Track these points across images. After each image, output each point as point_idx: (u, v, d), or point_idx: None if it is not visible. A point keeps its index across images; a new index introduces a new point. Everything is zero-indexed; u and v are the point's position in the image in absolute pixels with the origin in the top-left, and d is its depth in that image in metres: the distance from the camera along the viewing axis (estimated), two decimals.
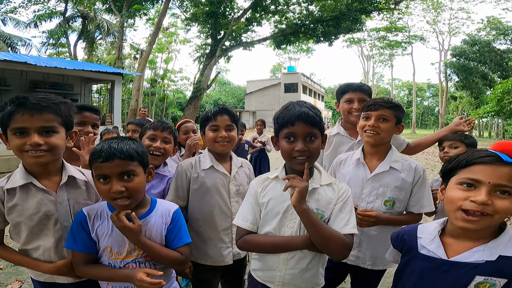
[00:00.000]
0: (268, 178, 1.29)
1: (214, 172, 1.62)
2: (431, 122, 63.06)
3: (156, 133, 1.76)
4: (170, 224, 1.22)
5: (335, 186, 1.24)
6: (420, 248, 1.04)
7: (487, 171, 0.88)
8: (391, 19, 21.34)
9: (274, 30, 16.13)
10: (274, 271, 1.23)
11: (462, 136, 1.94)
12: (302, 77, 35.74)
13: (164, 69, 32.50)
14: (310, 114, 1.15)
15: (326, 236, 1.11)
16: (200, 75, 16.26)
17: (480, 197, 0.86)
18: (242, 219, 1.26)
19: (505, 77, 25.70)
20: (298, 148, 1.14)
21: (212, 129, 1.61)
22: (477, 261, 0.92)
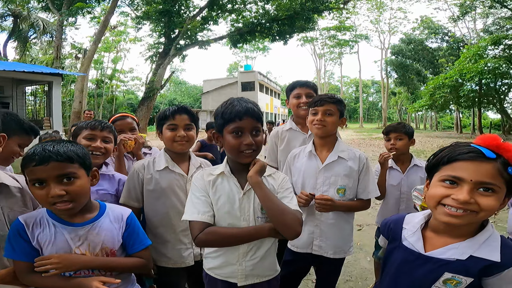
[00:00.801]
0: (212, 175, 1.27)
1: (170, 173, 1.57)
2: (376, 116, 68.78)
3: (94, 133, 1.65)
4: (126, 230, 1.20)
5: (275, 176, 1.31)
6: (403, 239, 1.04)
7: (470, 168, 0.85)
8: (340, 18, 22.70)
9: (230, 29, 15.99)
10: (234, 266, 1.24)
11: (405, 128, 2.15)
12: (258, 76, 36.13)
13: (112, 69, 30.34)
14: (256, 110, 1.21)
15: (282, 209, 1.16)
16: (153, 75, 15.51)
17: (461, 196, 0.84)
18: (198, 212, 1.19)
19: (436, 73, 29.10)
20: (246, 142, 1.17)
21: (170, 128, 1.56)
22: (449, 258, 0.92)
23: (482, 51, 19.99)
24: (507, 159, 0.85)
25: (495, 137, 0.88)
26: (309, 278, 1.85)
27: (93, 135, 1.64)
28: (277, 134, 2.21)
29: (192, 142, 1.62)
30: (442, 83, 22.03)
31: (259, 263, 1.24)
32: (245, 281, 1.24)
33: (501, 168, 0.84)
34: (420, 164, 2.19)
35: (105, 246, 1.14)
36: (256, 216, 1.22)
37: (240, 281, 1.24)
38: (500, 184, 0.84)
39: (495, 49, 20.27)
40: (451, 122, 47.51)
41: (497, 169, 0.84)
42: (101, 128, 1.67)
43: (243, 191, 1.23)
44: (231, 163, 1.28)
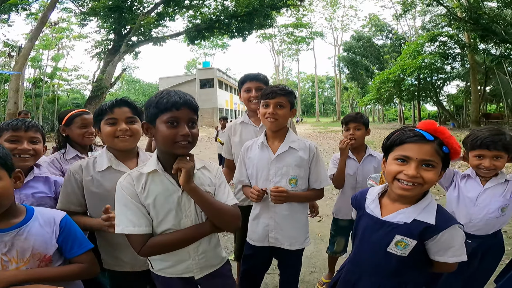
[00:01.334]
0: (143, 174, 1.18)
1: (114, 173, 1.40)
2: (331, 110, 72.44)
3: (19, 134, 1.48)
4: (61, 233, 1.14)
5: (209, 167, 1.31)
6: (366, 207, 1.25)
7: (415, 149, 1.07)
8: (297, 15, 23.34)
9: (188, 25, 15.48)
10: (187, 261, 1.23)
11: (363, 118, 2.22)
12: (217, 72, 35.64)
13: (53, 67, 27.57)
14: (194, 102, 1.18)
15: (219, 209, 1.19)
16: (101, 73, 14.44)
17: (410, 171, 1.06)
18: (134, 225, 1.12)
19: (382, 69, 31.47)
20: (183, 132, 1.12)
21: (108, 123, 1.41)
22: (398, 221, 1.12)
23: (420, 47, 22.06)
24: (442, 140, 1.08)
25: (433, 122, 1.10)
26: (275, 272, 1.88)
27: (18, 136, 1.48)
28: (231, 128, 2.21)
29: (137, 137, 1.45)
30: (387, 78, 23.96)
31: (210, 253, 1.27)
32: (201, 274, 1.26)
33: (438, 148, 1.07)
34: (374, 154, 2.27)
35: (36, 252, 1.07)
36: (198, 211, 1.20)
37: (197, 274, 1.25)
38: (437, 160, 1.07)
39: (431, 46, 22.49)
40: (395, 115, 51.95)
41: (434, 149, 1.06)
42: (26, 128, 1.49)
43: (181, 188, 1.17)
44: (163, 157, 1.20)
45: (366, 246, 1.20)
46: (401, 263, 1.11)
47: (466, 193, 1.69)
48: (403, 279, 1.15)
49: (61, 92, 32.11)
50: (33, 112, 22.43)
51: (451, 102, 30.23)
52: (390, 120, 51.22)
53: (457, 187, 1.71)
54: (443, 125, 1.21)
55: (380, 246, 1.14)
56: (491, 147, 1.55)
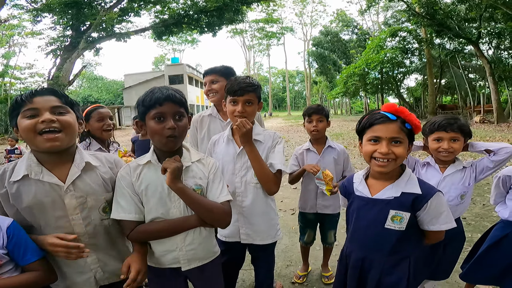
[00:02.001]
0: (139, 165, 1.25)
1: (32, 184, 1.11)
2: (301, 104, 73.77)
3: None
4: (10, 241, 1.06)
5: (204, 161, 1.33)
6: (355, 190, 1.34)
7: (383, 129, 1.20)
8: (268, 11, 23.26)
9: (154, 21, 14.83)
10: (174, 251, 1.26)
11: (324, 110, 2.25)
12: (187, 68, 34.74)
13: (4, 65, 25.29)
14: (177, 95, 1.22)
15: (207, 208, 1.22)
16: (57, 70, 13.43)
17: (383, 149, 1.19)
18: (124, 211, 1.20)
19: (348, 63, 32.54)
20: (168, 126, 1.17)
21: (27, 115, 1.08)
22: (388, 197, 1.23)
23: (382, 42, 23.04)
24: (404, 118, 1.21)
25: (393, 104, 1.24)
26: (252, 267, 1.91)
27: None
28: (197, 120, 2.18)
29: (69, 132, 1.14)
30: (353, 72, 24.85)
31: (199, 247, 1.28)
32: (189, 265, 1.28)
33: (401, 125, 1.20)
34: (333, 145, 2.28)
35: None
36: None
37: (184, 266, 1.27)
38: (403, 136, 1.20)
39: (392, 41, 23.48)
40: (361, 107, 54.27)
41: (399, 126, 1.19)
42: None
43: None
44: (157, 151, 1.27)
45: (363, 226, 1.28)
46: (400, 237, 1.21)
47: (427, 181, 1.74)
48: (404, 254, 1.24)
49: (14, 91, 29.62)
50: None
51: (411, 94, 32.18)
52: (357, 113, 53.41)
53: (418, 175, 1.76)
54: None
55: (378, 224, 1.23)
56: (448, 129, 1.64)
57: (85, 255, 1.12)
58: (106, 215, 1.22)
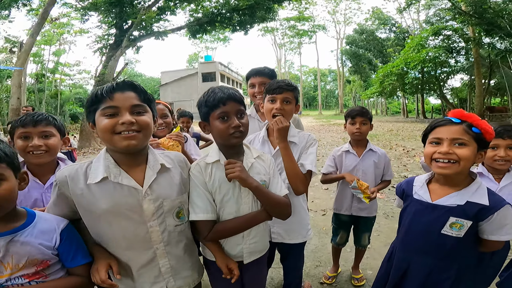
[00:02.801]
0: (208, 164, 1.26)
1: (111, 187, 1.06)
2: (333, 103, 72.00)
3: (28, 130, 1.40)
4: (62, 242, 1.06)
5: (263, 157, 1.37)
6: (414, 194, 1.33)
7: (444, 130, 1.19)
8: (300, 9, 23.04)
9: (189, 19, 15.28)
10: (239, 246, 1.30)
11: (368, 113, 2.21)
12: (219, 66, 35.51)
13: (54, 62, 27.59)
14: (237, 94, 1.25)
15: (275, 201, 1.27)
16: (103, 68, 14.31)
17: (443, 149, 1.17)
18: (202, 211, 1.20)
19: (385, 62, 31.19)
20: (234, 124, 1.20)
21: (106, 113, 1.03)
22: (451, 204, 1.20)
23: (424, 41, 21.85)
24: (470, 122, 1.17)
25: (461, 110, 1.21)
26: (280, 266, 1.90)
27: (27, 132, 1.40)
28: None
29: (147, 133, 1.08)
30: (390, 71, 23.82)
31: (259, 239, 1.34)
32: (249, 258, 1.33)
33: (467, 128, 1.16)
34: (374, 149, 2.23)
35: (33, 258, 1.01)
36: (255, 198, 1.27)
37: (246, 259, 1.32)
38: (468, 139, 1.15)
39: (435, 39, 22.24)
40: (398, 108, 51.71)
41: (463, 129, 1.16)
42: (34, 123, 1.39)
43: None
44: (223, 149, 1.28)
45: (417, 230, 1.27)
46: (456, 244, 1.19)
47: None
48: (456, 259, 1.22)
49: (64, 87, 32.19)
50: (36, 107, 22.51)
51: (455, 95, 30.03)
52: (393, 113, 51.00)
53: None
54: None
55: (434, 229, 1.21)
56: (504, 135, 1.56)
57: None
58: (180, 221, 1.17)
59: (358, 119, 2.18)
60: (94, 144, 12.34)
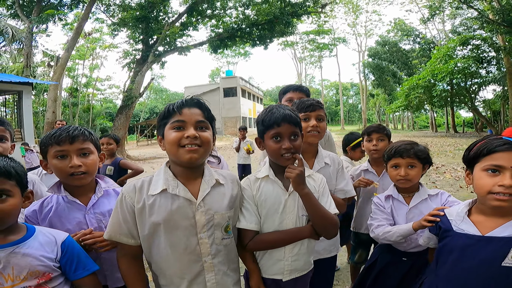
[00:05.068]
0: (258, 179, 1.34)
1: (170, 198, 1.14)
2: (356, 118, 70.50)
3: (65, 148, 1.26)
4: (64, 255, 1.10)
5: (314, 177, 1.39)
6: (455, 228, 1.18)
7: (507, 157, 1.02)
8: (319, 22, 23.22)
9: (210, 34, 15.91)
10: (281, 261, 1.30)
11: (385, 129, 2.16)
12: (240, 81, 36.23)
13: (87, 77, 29.49)
14: (293, 116, 1.29)
15: (324, 216, 1.26)
16: (130, 83, 15.08)
17: (507, 181, 1.00)
18: (247, 221, 1.27)
19: (410, 74, 30.25)
20: (285, 146, 1.25)
21: (174, 126, 1.14)
22: (510, 234, 1.05)
23: (451, 51, 21.01)
24: None
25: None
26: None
27: (64, 151, 1.27)
28: None
29: (207, 149, 1.16)
30: (416, 84, 22.95)
31: (302, 258, 1.32)
32: (289, 276, 1.31)
33: None
34: None
35: (34, 270, 1.04)
36: (300, 214, 1.30)
37: (285, 277, 1.31)
38: None
39: (463, 50, 21.37)
40: (426, 122, 49.50)
41: None
42: (71, 139, 1.26)
43: (288, 192, 1.30)
44: (273, 165, 1.35)
45: (471, 266, 1.11)
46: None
47: (395, 215, 1.66)
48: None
49: (95, 101, 34.15)
50: (70, 121, 23.97)
51: (488, 107, 28.23)
52: (421, 128, 48.85)
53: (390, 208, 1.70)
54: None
55: (493, 262, 1.08)
56: (404, 155, 1.61)
57: None
58: (227, 235, 1.22)
59: (374, 135, 2.13)
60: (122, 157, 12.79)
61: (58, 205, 1.29)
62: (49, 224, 1.25)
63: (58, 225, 1.25)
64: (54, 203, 1.30)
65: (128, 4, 14.22)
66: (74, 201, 1.30)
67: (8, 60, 20.61)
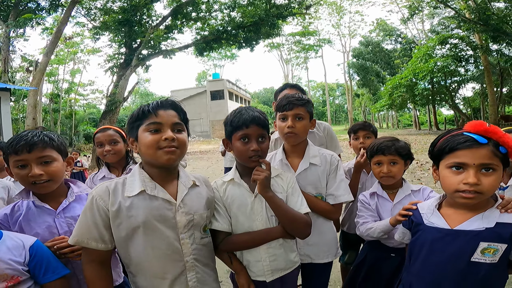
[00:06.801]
0: (224, 182, 1.36)
1: (149, 199, 1.12)
2: (343, 118, 71.60)
3: (23, 157, 1.20)
4: (32, 259, 1.11)
5: (282, 176, 1.40)
6: (426, 222, 1.18)
7: (469, 155, 1.01)
8: (304, 24, 23.53)
9: (196, 37, 15.79)
10: (260, 262, 1.31)
11: (371, 127, 2.15)
12: (227, 84, 36.15)
13: (69, 82, 28.70)
14: (261, 118, 1.30)
15: (292, 217, 1.28)
16: (114, 87, 14.72)
17: (471, 179, 1.00)
18: (218, 222, 1.29)
19: (393, 74, 31.00)
20: (253, 148, 1.27)
21: (150, 129, 1.12)
22: (477, 228, 1.05)
23: (431, 51, 21.71)
24: (496, 140, 1.00)
25: (481, 123, 1.03)
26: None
27: (23, 160, 1.21)
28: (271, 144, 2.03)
29: (183, 151, 1.16)
30: (399, 83, 23.57)
31: (280, 257, 1.32)
32: (272, 276, 1.32)
33: (494, 149, 1.00)
34: None
35: (2, 273, 1.05)
36: (269, 215, 1.31)
37: (268, 277, 1.31)
38: (497, 162, 1.00)
39: (442, 49, 22.11)
40: (410, 120, 50.81)
41: (491, 151, 1.00)
42: (28, 147, 1.19)
43: (254, 194, 1.32)
44: (240, 168, 1.37)
45: (440, 260, 1.10)
46: (490, 271, 1.04)
47: (381, 212, 1.68)
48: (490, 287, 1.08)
49: (78, 107, 33.25)
50: (51, 128, 23.21)
51: (468, 105, 29.32)
52: (405, 126, 50.11)
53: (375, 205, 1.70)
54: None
55: (462, 257, 1.06)
56: (386, 152, 1.62)
57: None
58: (205, 234, 1.25)
59: (360, 133, 2.12)
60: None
61: (28, 209, 1.28)
62: (19, 228, 1.24)
63: (28, 229, 1.24)
64: (25, 207, 1.28)
65: (110, 8, 13.93)
66: (43, 206, 1.28)
67: None
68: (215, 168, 10.83)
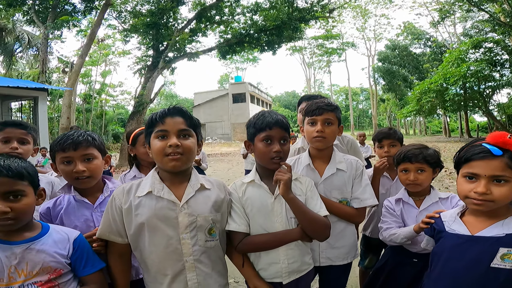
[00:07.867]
0: (244, 183, 1.38)
1: (154, 200, 1.20)
2: (367, 123, 69.55)
3: (69, 154, 1.33)
4: (75, 252, 1.16)
5: (301, 180, 1.41)
6: (447, 229, 1.20)
7: (482, 166, 1.05)
8: (327, 27, 23.21)
9: (219, 40, 16.10)
10: (278, 264, 1.31)
11: (396, 134, 2.09)
12: (249, 87, 36.43)
13: (101, 83, 30.21)
14: (284, 121, 1.35)
15: (312, 219, 1.29)
16: (142, 89, 15.31)
17: (480, 189, 1.04)
18: (235, 223, 1.30)
19: (422, 78, 29.76)
20: (275, 149, 1.29)
21: (158, 135, 1.19)
22: (497, 234, 1.06)
23: (463, 55, 20.63)
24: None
25: (503, 134, 1.04)
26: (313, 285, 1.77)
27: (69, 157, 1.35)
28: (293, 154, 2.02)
29: (189, 156, 1.21)
30: (428, 88, 22.57)
31: (298, 259, 1.33)
32: (289, 278, 1.32)
33: (509, 161, 1.01)
34: None
35: (47, 266, 1.09)
36: (289, 217, 1.32)
37: (285, 279, 1.31)
38: (510, 174, 1.02)
39: (476, 53, 20.96)
40: (439, 127, 48.48)
41: (505, 163, 1.02)
42: (74, 146, 1.32)
43: (274, 195, 1.33)
44: (260, 169, 1.39)
45: (459, 266, 1.11)
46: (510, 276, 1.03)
47: (405, 219, 1.66)
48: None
49: (108, 107, 34.88)
50: (83, 127, 24.51)
51: (503, 111, 27.43)
52: (434, 133, 47.86)
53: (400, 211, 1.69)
54: None
55: (481, 263, 1.07)
56: (413, 159, 1.60)
57: None
58: (211, 237, 1.25)
59: (385, 141, 2.07)
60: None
61: (69, 203, 1.40)
62: (60, 221, 1.35)
63: (68, 222, 1.35)
64: (66, 201, 1.40)
65: (139, 10, 14.58)
66: (82, 200, 1.40)
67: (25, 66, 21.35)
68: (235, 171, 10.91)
